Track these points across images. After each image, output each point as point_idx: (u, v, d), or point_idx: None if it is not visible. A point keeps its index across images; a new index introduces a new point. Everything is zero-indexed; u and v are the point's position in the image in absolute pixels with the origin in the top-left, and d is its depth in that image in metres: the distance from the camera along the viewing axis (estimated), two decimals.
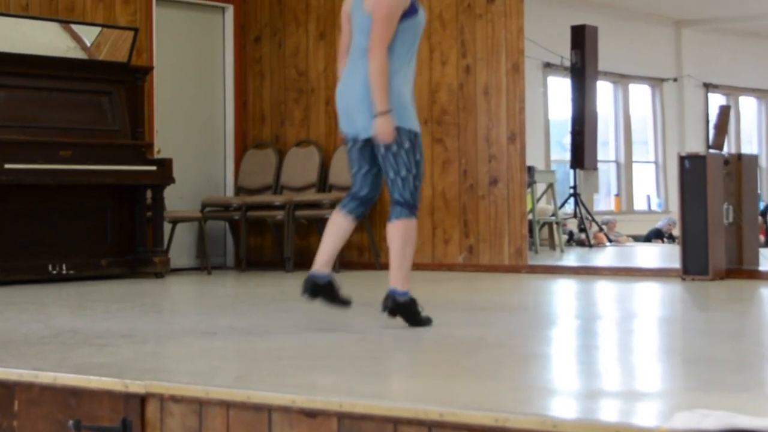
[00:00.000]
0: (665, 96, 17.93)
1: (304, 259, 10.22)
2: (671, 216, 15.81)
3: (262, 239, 10.64)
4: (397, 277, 5.25)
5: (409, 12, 5.26)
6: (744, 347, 4.83)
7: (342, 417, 3.33)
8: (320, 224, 10.11)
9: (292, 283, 8.76)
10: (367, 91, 5.22)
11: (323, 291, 5.34)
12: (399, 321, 5.52)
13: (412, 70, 5.35)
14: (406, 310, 5.28)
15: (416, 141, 5.28)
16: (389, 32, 5.19)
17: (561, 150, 16.36)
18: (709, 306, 6.91)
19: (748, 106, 19.74)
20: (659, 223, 15.84)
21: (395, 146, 5.22)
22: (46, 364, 4.21)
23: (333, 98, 5.66)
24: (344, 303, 5.38)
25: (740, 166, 8.84)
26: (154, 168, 9.10)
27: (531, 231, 11.35)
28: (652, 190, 18.08)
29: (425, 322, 5.31)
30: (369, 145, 5.34)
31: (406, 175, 5.25)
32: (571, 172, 13.61)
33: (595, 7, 15.67)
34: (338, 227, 5.37)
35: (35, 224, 8.67)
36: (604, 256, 11.93)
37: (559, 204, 12.70)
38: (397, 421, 3.23)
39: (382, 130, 5.18)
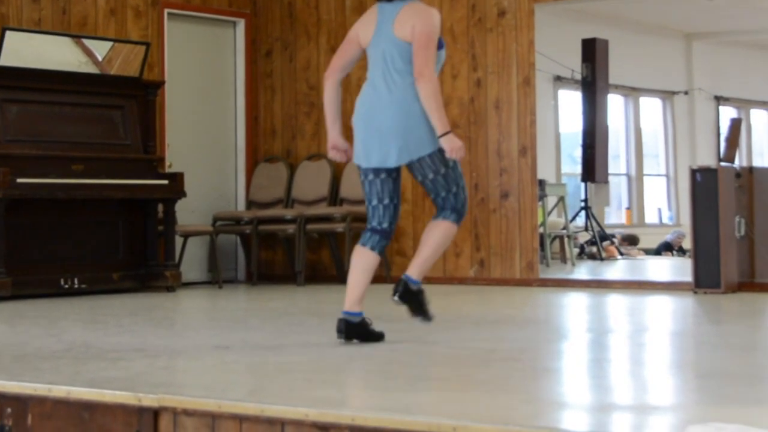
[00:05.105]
0: (676, 109, 17.91)
1: (315, 273, 10.25)
2: (680, 229, 15.78)
3: (274, 253, 10.65)
4: (417, 268, 5.37)
5: (439, 44, 5.35)
6: (757, 361, 4.82)
7: (354, 430, 3.33)
8: (331, 238, 10.12)
9: (304, 297, 8.79)
10: (403, 119, 5.25)
11: (356, 330, 5.33)
12: (412, 334, 5.53)
13: None
14: (414, 298, 5.37)
15: None
16: (434, 55, 5.28)
17: (572, 163, 16.35)
18: (722, 319, 6.90)
19: (759, 118, 19.70)
20: (668, 236, 15.80)
21: (443, 168, 5.31)
22: (59, 378, 4.22)
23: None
24: (378, 338, 5.36)
25: (752, 179, 8.84)
26: (165, 182, 9.12)
27: (542, 244, 11.34)
28: (663, 203, 18.05)
29: (428, 315, 5.39)
30: (392, 175, 5.36)
31: (457, 190, 5.36)
32: (582, 185, 13.60)
33: (606, 20, 15.67)
34: (364, 263, 5.35)
35: (47, 238, 8.70)
36: (616, 270, 11.92)
37: (570, 217, 12.69)
38: None
39: (452, 146, 5.23)
